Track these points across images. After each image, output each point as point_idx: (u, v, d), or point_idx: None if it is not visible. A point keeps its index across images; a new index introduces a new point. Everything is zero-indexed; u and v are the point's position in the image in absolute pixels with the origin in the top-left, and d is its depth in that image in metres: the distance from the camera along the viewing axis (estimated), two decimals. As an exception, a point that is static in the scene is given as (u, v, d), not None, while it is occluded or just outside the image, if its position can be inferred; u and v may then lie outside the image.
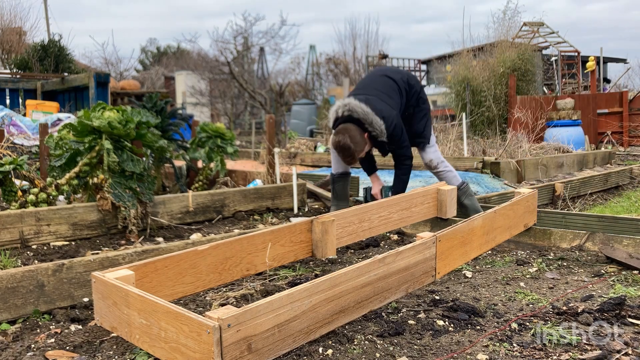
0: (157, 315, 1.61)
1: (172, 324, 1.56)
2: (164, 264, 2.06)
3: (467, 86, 11.16)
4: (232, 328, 1.46)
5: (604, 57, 15.84)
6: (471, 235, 2.52)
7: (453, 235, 2.39)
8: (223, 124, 5.47)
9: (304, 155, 8.19)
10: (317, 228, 2.66)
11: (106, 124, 3.46)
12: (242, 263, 2.36)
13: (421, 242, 2.19)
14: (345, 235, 2.83)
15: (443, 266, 2.33)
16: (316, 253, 2.68)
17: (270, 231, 2.49)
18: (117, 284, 1.78)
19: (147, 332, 1.66)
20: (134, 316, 1.70)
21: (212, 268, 2.24)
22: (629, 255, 2.62)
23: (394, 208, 3.13)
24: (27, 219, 3.15)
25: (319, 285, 1.75)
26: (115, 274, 1.87)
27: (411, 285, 2.15)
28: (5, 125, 5.98)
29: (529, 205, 3.08)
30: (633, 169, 6.32)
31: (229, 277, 2.32)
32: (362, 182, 5.82)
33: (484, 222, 2.63)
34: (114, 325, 1.80)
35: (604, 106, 10.69)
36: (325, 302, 1.77)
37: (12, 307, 2.09)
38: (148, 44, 30.69)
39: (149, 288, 1.98)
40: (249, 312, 1.52)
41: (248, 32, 18.83)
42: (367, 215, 2.97)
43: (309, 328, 1.72)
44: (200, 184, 4.98)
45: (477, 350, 1.76)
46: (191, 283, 2.16)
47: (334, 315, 1.81)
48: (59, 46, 10.13)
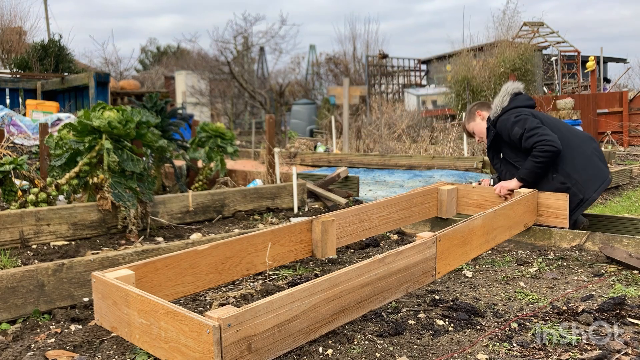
0: (157, 315, 1.61)
1: (172, 323, 1.56)
2: (164, 263, 2.06)
3: (467, 86, 11.16)
4: (232, 328, 1.46)
5: (604, 57, 15.83)
6: (471, 235, 2.51)
7: (453, 235, 2.38)
8: (223, 124, 5.47)
9: (304, 155, 8.19)
10: (317, 228, 2.65)
11: (106, 124, 3.46)
12: (242, 263, 2.36)
13: (421, 242, 2.19)
14: (345, 235, 2.83)
15: (443, 266, 2.32)
16: (316, 253, 2.68)
17: (270, 231, 2.49)
18: (118, 283, 1.78)
19: (147, 332, 1.66)
20: (134, 316, 1.70)
21: (212, 268, 2.24)
22: (629, 255, 2.62)
23: (394, 208, 3.13)
24: (27, 218, 3.15)
25: (319, 285, 1.74)
26: (116, 273, 1.87)
27: (411, 285, 2.14)
28: (5, 125, 5.98)
29: (528, 205, 3.08)
30: (633, 169, 6.32)
31: (229, 277, 2.31)
32: (362, 182, 5.83)
33: (484, 222, 2.62)
34: (114, 325, 1.80)
35: (604, 106, 10.69)
36: (325, 302, 1.76)
37: (12, 307, 2.09)
38: (148, 44, 30.70)
39: (149, 288, 1.98)
40: (249, 311, 1.51)
41: (248, 32, 18.83)
42: (367, 215, 2.96)
43: (309, 328, 1.72)
44: (200, 184, 4.98)
45: (477, 350, 1.76)
46: (191, 283, 2.16)
47: (334, 315, 1.81)
48: (59, 46, 10.13)
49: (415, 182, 5.96)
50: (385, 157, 7.46)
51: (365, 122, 10.78)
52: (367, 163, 7.43)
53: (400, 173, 6.66)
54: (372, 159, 7.49)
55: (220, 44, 17.94)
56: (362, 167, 7.32)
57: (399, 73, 18.42)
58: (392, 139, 9.58)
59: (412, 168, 6.94)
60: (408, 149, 8.75)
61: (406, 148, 8.85)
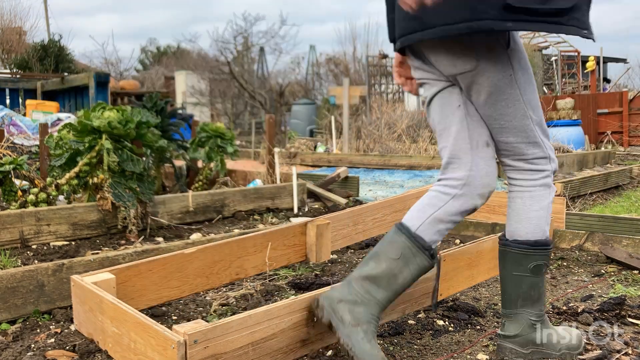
0: (127, 325, 1.55)
1: (141, 335, 1.49)
2: (148, 267, 1.99)
3: (467, 86, 11.14)
4: (198, 344, 1.39)
5: (604, 57, 15.84)
6: (479, 258, 2.37)
7: (460, 255, 2.25)
8: (223, 124, 5.47)
9: (304, 155, 8.19)
10: (312, 231, 2.58)
11: (106, 124, 3.46)
12: (231, 267, 2.29)
13: None
14: (339, 238, 2.77)
15: (446, 288, 2.19)
16: (310, 257, 2.61)
17: (262, 234, 2.42)
18: (93, 289, 1.72)
19: (119, 342, 1.60)
20: (107, 324, 1.64)
21: (200, 272, 2.18)
22: (628, 255, 2.62)
23: (388, 210, 3.06)
24: (27, 218, 3.15)
25: (302, 302, 1.65)
26: (95, 277, 1.81)
27: (409, 307, 2.03)
28: (5, 125, 5.98)
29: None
30: (633, 169, 6.32)
31: (217, 282, 2.25)
32: (362, 182, 5.82)
33: (494, 244, 2.42)
34: (90, 332, 1.75)
35: (604, 106, 10.69)
36: (308, 321, 1.67)
37: (12, 307, 2.09)
38: (148, 44, 30.70)
39: (132, 292, 1.92)
40: (219, 327, 1.44)
41: (248, 32, 18.83)
42: (362, 217, 2.90)
43: (288, 347, 1.62)
44: (200, 184, 4.98)
45: (477, 350, 1.76)
46: (177, 287, 2.10)
47: (318, 335, 1.71)
48: (59, 46, 10.13)
49: (415, 182, 5.95)
50: (385, 157, 7.46)
51: (365, 122, 10.77)
52: (367, 163, 7.43)
53: (400, 173, 6.66)
54: (372, 159, 7.49)
55: (220, 44, 17.95)
56: (362, 167, 7.32)
57: (399, 73, 18.37)
58: (392, 139, 9.58)
59: (412, 168, 6.94)
60: (408, 149, 8.75)
61: (406, 148, 8.85)
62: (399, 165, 7.13)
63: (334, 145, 9.51)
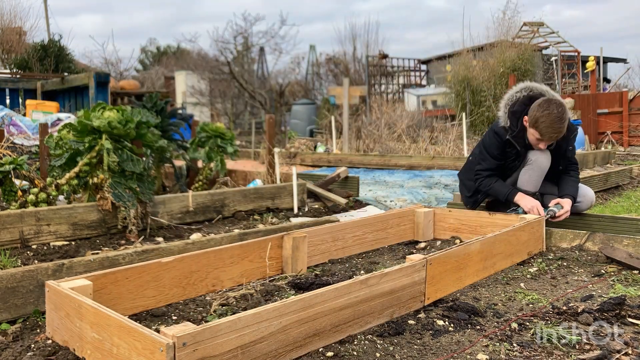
0: (110, 329, 1.53)
1: (125, 339, 1.47)
2: (124, 275, 1.98)
3: (467, 86, 11.17)
4: (187, 347, 1.38)
5: (604, 57, 15.83)
6: (467, 260, 2.37)
7: (446, 259, 2.24)
8: (223, 124, 5.48)
9: (304, 155, 8.19)
10: (288, 244, 2.56)
11: (106, 124, 3.46)
12: (207, 278, 2.28)
13: (410, 265, 2.06)
14: (317, 253, 2.75)
15: (434, 292, 2.17)
16: (286, 270, 2.59)
17: (238, 245, 2.41)
18: (71, 294, 1.70)
19: (99, 348, 1.57)
20: (86, 329, 1.61)
21: (176, 282, 2.16)
22: (629, 255, 2.62)
23: (369, 228, 3.06)
24: (27, 218, 3.15)
25: (291, 305, 1.64)
26: (71, 283, 1.79)
27: (397, 311, 2.01)
28: (5, 125, 5.98)
29: (534, 232, 2.91)
30: (633, 169, 6.32)
31: (194, 292, 2.24)
32: (362, 182, 5.82)
33: (482, 247, 2.48)
34: (66, 339, 1.72)
35: (604, 106, 10.69)
36: (297, 324, 1.65)
37: (12, 307, 2.09)
38: (148, 44, 30.71)
39: (107, 300, 1.90)
40: (208, 330, 1.43)
41: (248, 32, 18.85)
42: (342, 234, 2.89)
43: (277, 351, 1.61)
44: (200, 184, 4.99)
45: (477, 350, 1.76)
46: (153, 297, 2.08)
47: (307, 339, 1.69)
48: (59, 46, 10.12)
49: (415, 182, 5.95)
50: (385, 157, 7.46)
51: (365, 122, 10.77)
52: (367, 163, 7.43)
53: (400, 173, 6.66)
54: (372, 159, 7.49)
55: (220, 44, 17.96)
56: (362, 167, 7.32)
57: (399, 73, 18.43)
58: (392, 139, 9.58)
59: (412, 168, 6.94)
60: (408, 149, 8.75)
61: (406, 148, 8.85)
62: (399, 165, 7.13)
63: (334, 145, 9.51)
